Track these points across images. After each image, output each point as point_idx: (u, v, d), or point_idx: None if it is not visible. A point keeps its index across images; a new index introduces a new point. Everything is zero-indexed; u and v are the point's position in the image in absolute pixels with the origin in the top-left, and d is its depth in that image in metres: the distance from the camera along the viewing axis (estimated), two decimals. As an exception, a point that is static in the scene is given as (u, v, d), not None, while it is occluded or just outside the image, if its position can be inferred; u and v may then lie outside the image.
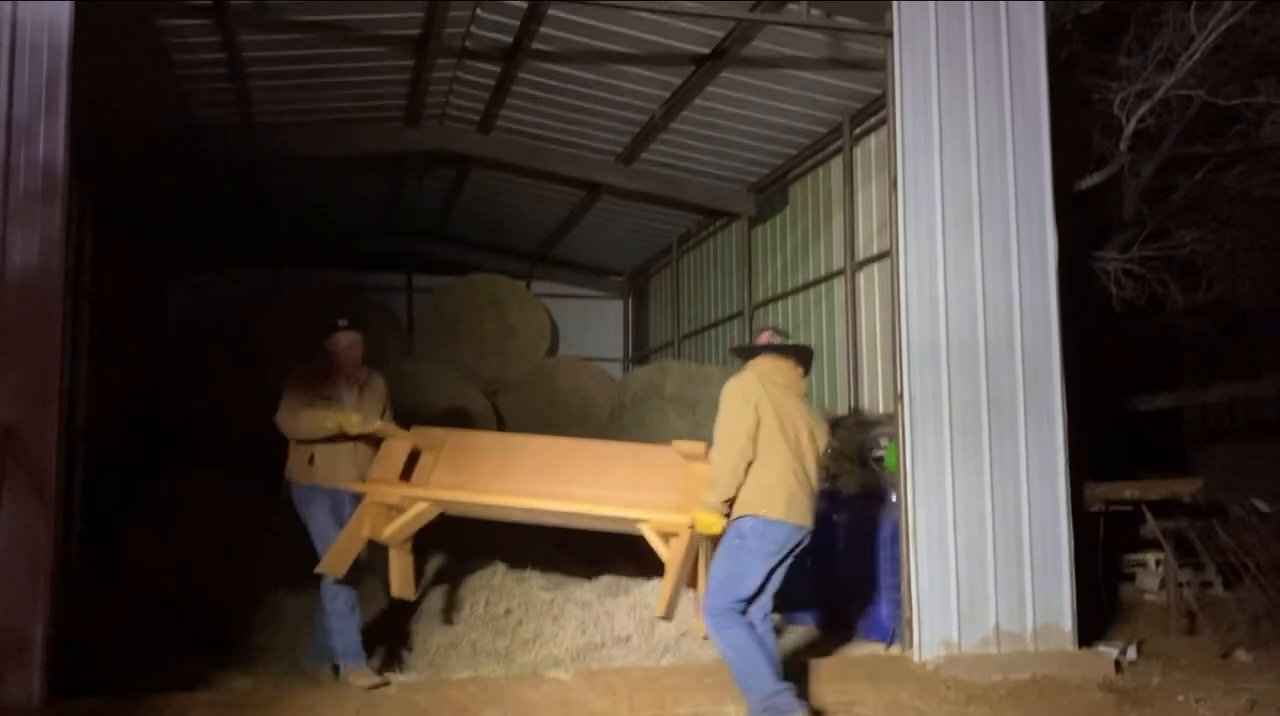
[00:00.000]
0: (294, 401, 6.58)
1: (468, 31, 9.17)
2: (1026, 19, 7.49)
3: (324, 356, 6.82)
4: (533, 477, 6.57)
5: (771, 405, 5.47)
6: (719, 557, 5.58)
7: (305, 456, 6.60)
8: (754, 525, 5.44)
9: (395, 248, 15.55)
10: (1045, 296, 7.27)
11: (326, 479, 6.59)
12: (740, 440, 5.40)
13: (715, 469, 5.51)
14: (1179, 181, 11.55)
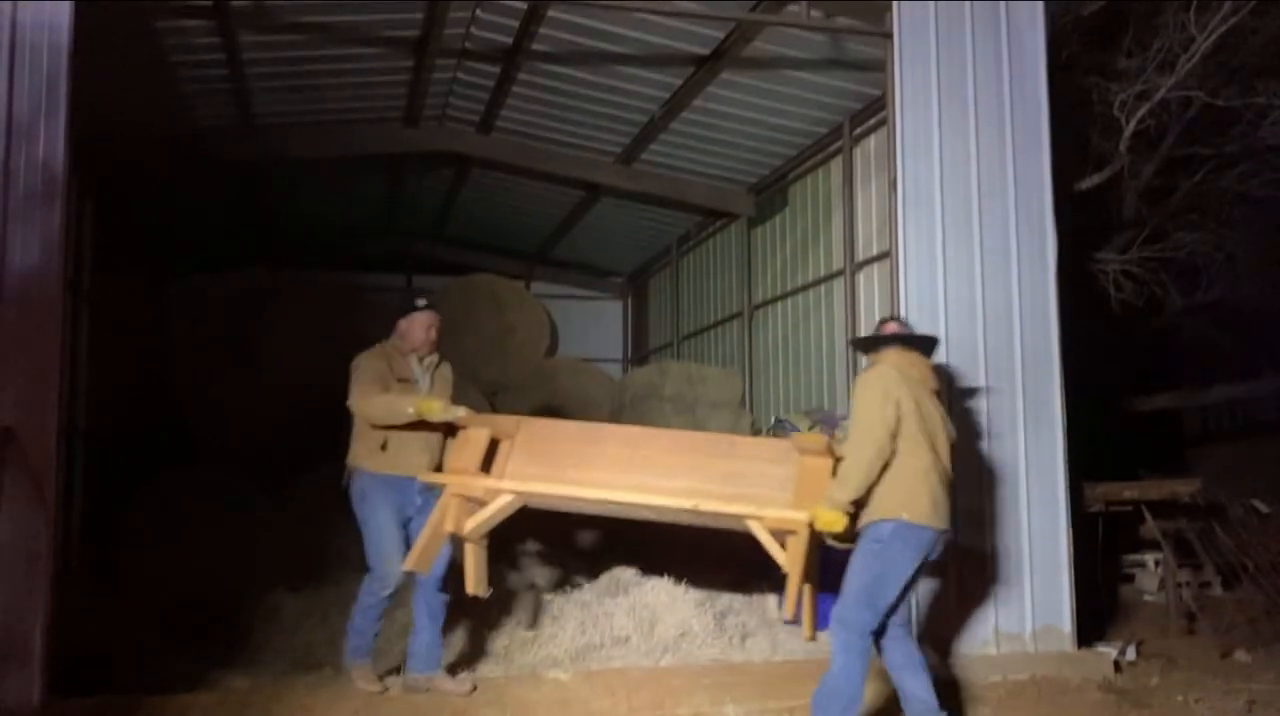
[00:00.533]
0: (368, 383, 6.12)
1: (467, 32, 9.18)
2: (1026, 20, 7.50)
3: (398, 337, 6.36)
4: (627, 469, 6.16)
5: (912, 400, 5.22)
6: (857, 565, 5.28)
7: (377, 442, 6.15)
8: (895, 529, 5.16)
9: (395, 248, 15.55)
10: (1045, 297, 7.28)
11: (398, 467, 6.13)
12: (881, 437, 5.11)
13: (850, 466, 5.21)
14: (1179, 182, 11.57)
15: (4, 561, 5.65)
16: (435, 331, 6.40)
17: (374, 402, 6.07)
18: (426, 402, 6.00)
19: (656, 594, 7.58)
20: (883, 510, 5.18)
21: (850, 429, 5.33)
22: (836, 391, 10.00)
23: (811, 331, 10.63)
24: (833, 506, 5.21)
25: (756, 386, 11.83)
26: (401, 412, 6.02)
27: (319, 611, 7.66)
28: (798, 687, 6.25)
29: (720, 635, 7.34)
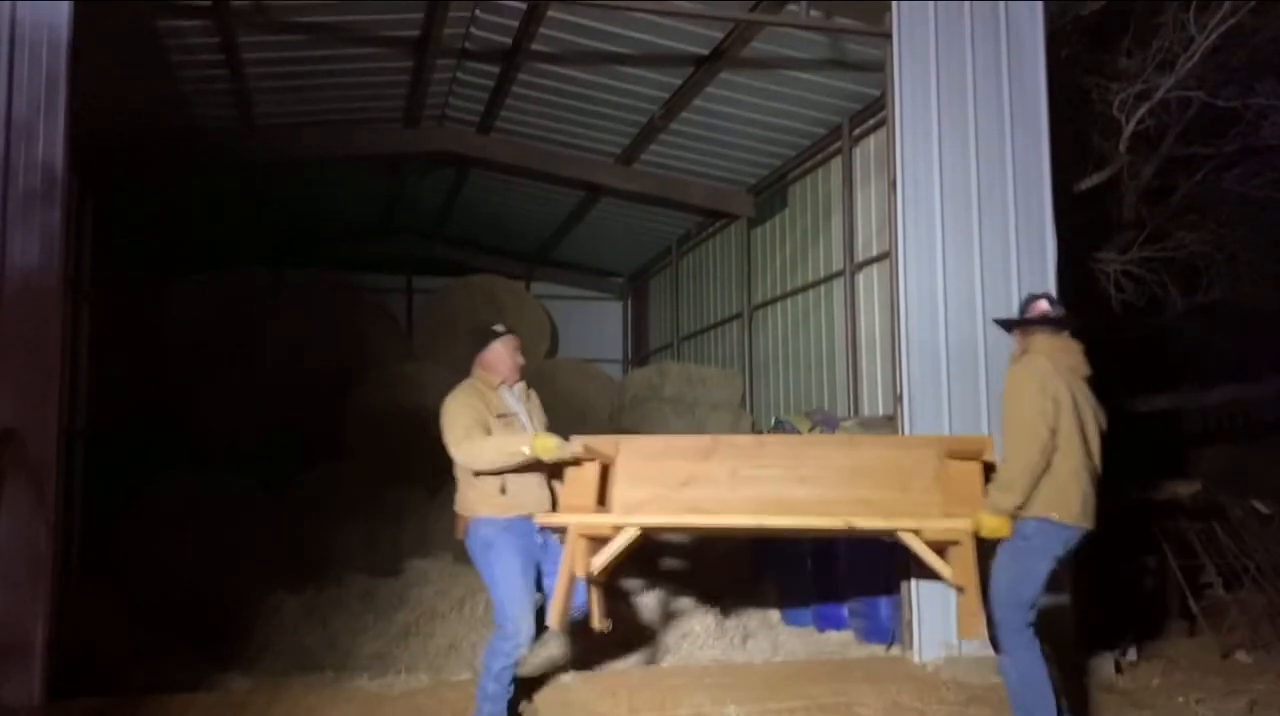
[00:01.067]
0: (468, 427, 5.49)
1: (467, 32, 9.17)
2: (1026, 20, 7.49)
3: (483, 370, 5.81)
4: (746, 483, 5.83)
5: (1068, 393, 5.02)
6: (1001, 562, 5.11)
7: (494, 486, 5.53)
8: (1039, 527, 5.02)
9: (395, 248, 15.56)
10: (1045, 297, 7.26)
11: (522, 508, 5.59)
12: (1044, 436, 4.93)
13: (1013, 468, 5.02)
14: (1179, 182, 11.56)
15: (4, 561, 5.66)
16: (520, 355, 5.96)
17: (482, 448, 5.46)
18: (542, 441, 5.46)
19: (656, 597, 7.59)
20: (1031, 508, 5.03)
21: (1007, 428, 5.13)
22: (836, 392, 10.00)
23: (811, 332, 10.63)
24: (997, 511, 5.06)
25: (756, 387, 11.83)
26: (515, 455, 5.46)
27: (319, 612, 7.66)
28: (799, 688, 6.26)
29: (721, 636, 7.35)
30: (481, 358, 5.82)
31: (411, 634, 7.25)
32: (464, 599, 7.50)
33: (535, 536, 5.63)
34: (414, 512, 11.35)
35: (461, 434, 5.46)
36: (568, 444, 5.51)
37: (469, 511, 5.62)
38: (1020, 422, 5.01)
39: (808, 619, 8.03)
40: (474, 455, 5.45)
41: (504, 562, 5.49)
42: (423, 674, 6.60)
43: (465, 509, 5.64)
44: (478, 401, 5.61)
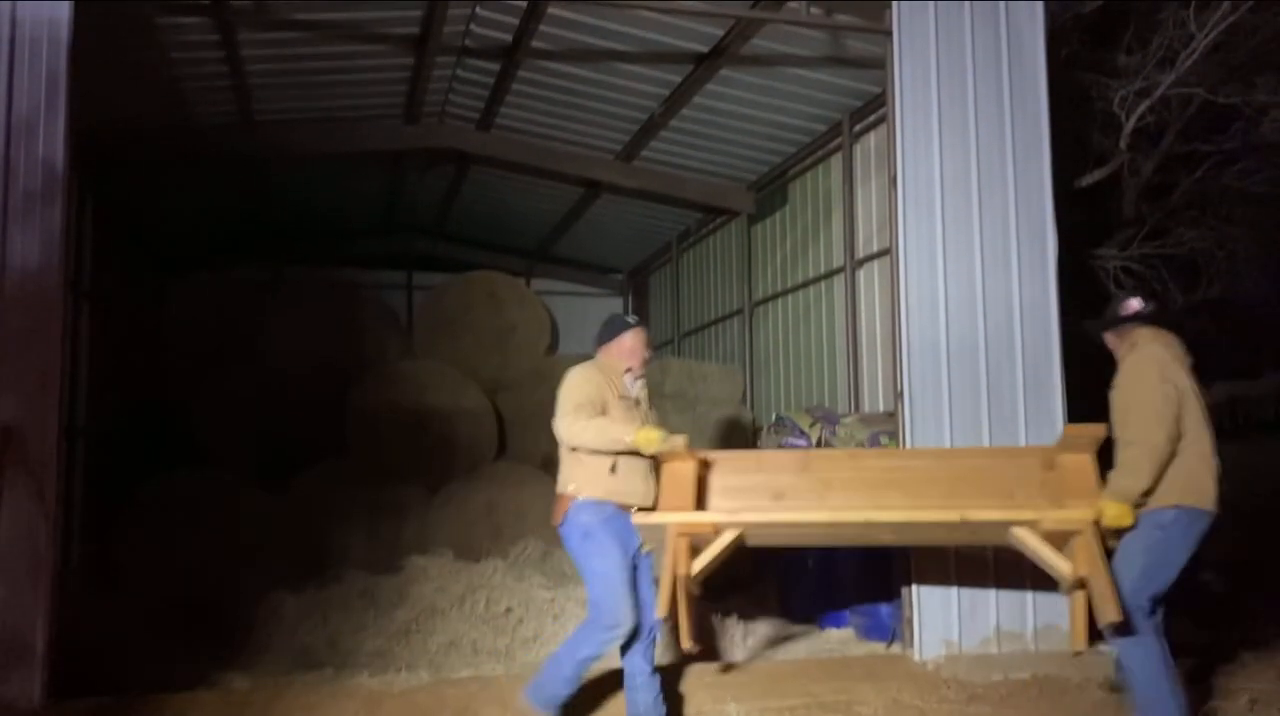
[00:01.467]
0: (580, 403, 5.43)
1: (467, 29, 9.17)
2: (1026, 17, 7.49)
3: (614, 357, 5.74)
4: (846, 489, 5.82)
5: (1187, 379, 5.02)
6: (1131, 553, 5.06)
7: (604, 465, 5.43)
8: (1178, 516, 4.97)
9: (395, 245, 15.55)
10: (1045, 294, 7.27)
11: (628, 495, 5.51)
12: (1169, 420, 4.90)
13: (1137, 454, 4.98)
14: (1179, 179, 11.57)
15: (4, 561, 5.67)
16: (647, 348, 5.85)
17: (585, 426, 5.37)
18: (645, 433, 5.34)
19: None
20: (1166, 496, 4.98)
21: (1130, 415, 5.08)
22: (837, 388, 10.00)
23: (812, 328, 10.63)
24: (1123, 498, 5.00)
25: (757, 383, 11.83)
26: (618, 440, 5.37)
27: (319, 610, 7.66)
28: (799, 686, 6.27)
29: (722, 634, 7.35)
30: (612, 345, 5.76)
31: (412, 631, 7.25)
32: (464, 596, 7.50)
33: (634, 535, 5.54)
34: (414, 510, 11.36)
35: (570, 408, 5.41)
36: (671, 439, 5.45)
37: (571, 491, 5.50)
38: (1144, 409, 4.98)
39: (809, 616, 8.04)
40: (575, 430, 5.38)
41: (604, 553, 5.39)
42: (423, 671, 6.60)
43: (569, 489, 5.52)
44: (600, 380, 5.56)
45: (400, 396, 12.16)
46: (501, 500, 11.71)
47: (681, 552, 5.32)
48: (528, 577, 7.89)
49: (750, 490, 5.88)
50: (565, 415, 5.41)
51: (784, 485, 5.88)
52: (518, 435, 13.43)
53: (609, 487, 5.44)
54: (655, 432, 5.35)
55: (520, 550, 9.67)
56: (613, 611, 5.32)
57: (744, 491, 5.88)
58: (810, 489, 5.85)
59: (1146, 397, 4.99)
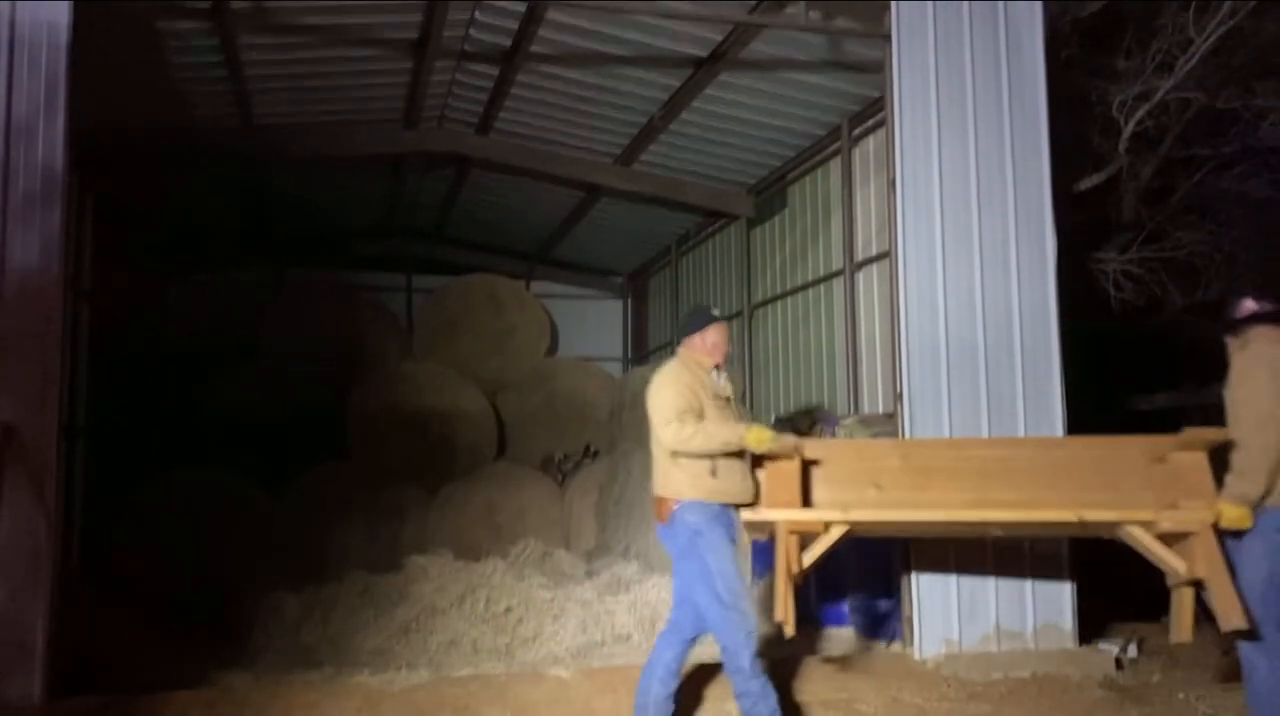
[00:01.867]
0: (681, 409, 5.36)
1: (466, 34, 9.18)
2: (1025, 21, 7.51)
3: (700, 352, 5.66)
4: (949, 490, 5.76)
5: None
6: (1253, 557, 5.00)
7: (705, 469, 5.39)
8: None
9: (395, 248, 15.56)
10: (1044, 297, 7.28)
11: (730, 495, 5.46)
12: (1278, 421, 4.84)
13: (1247, 457, 4.95)
14: (1178, 183, 11.57)
15: (4, 561, 5.67)
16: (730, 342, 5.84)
17: (694, 432, 5.31)
18: (756, 433, 5.34)
19: (657, 591, 7.61)
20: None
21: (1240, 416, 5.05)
22: (836, 390, 10.01)
23: (811, 331, 10.64)
24: (1241, 502, 4.96)
25: (757, 386, 11.84)
26: (729, 444, 5.36)
27: (319, 609, 7.67)
28: (799, 685, 6.28)
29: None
30: (695, 339, 5.68)
31: (411, 630, 7.27)
32: (464, 595, 7.52)
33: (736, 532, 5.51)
34: (414, 510, 11.39)
35: (673, 414, 5.34)
36: (781, 437, 5.47)
37: (676, 494, 5.43)
38: (1256, 409, 4.95)
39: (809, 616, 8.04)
40: (683, 437, 5.31)
41: (717, 551, 5.33)
42: (423, 670, 6.61)
43: (671, 491, 5.45)
44: (693, 382, 5.51)
45: (400, 398, 12.19)
46: (501, 500, 11.76)
47: (793, 549, 5.38)
48: (527, 577, 7.91)
49: (851, 480, 5.86)
50: (669, 423, 5.34)
51: (884, 474, 5.86)
52: (517, 436, 13.48)
53: (711, 488, 5.40)
54: (766, 432, 5.37)
55: (520, 550, 9.70)
56: (739, 603, 5.29)
57: (845, 481, 5.85)
58: (910, 478, 5.84)
59: (1257, 398, 4.97)
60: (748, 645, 5.25)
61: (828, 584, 7.88)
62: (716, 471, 5.38)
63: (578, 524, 11.87)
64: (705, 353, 5.63)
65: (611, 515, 10.82)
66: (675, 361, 5.66)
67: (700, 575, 5.33)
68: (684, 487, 5.40)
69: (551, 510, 12.07)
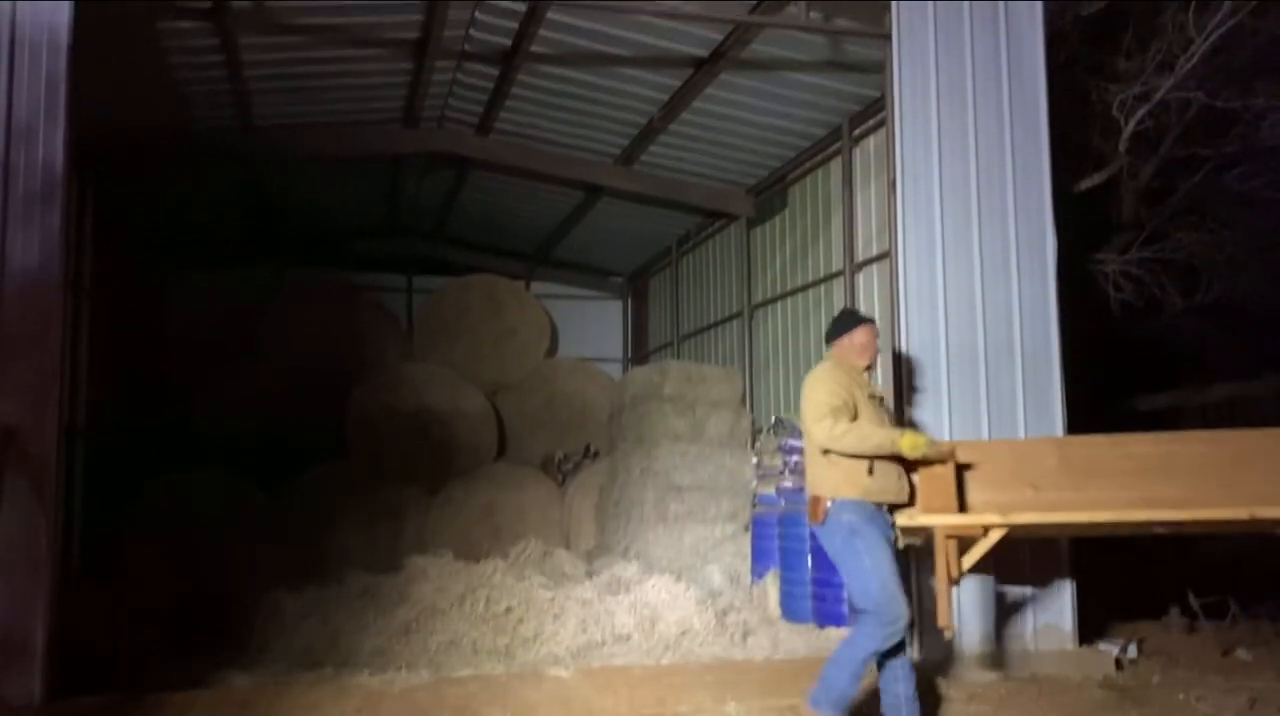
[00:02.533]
0: (835, 408, 5.40)
1: (467, 34, 9.18)
2: (1025, 21, 7.51)
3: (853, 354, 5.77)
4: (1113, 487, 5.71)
5: None
6: None
7: (862, 468, 5.42)
8: None
9: (395, 249, 15.55)
10: (1044, 298, 7.29)
11: (885, 494, 5.51)
12: None
13: None
14: (1178, 183, 11.58)
15: (4, 561, 5.66)
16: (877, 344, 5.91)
17: (847, 431, 5.36)
18: (911, 438, 5.38)
19: (657, 591, 7.61)
20: None
21: None
22: (836, 391, 9.98)
23: (811, 331, 10.64)
24: None
25: (756, 386, 11.84)
26: (882, 446, 5.39)
27: (320, 611, 7.65)
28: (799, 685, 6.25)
29: (721, 633, 7.36)
30: (846, 341, 5.79)
31: (412, 630, 7.25)
32: (464, 595, 7.50)
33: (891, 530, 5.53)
34: (413, 510, 11.38)
35: (826, 412, 5.38)
36: (936, 442, 5.50)
37: (831, 492, 5.45)
38: None
39: (808, 615, 8.04)
40: (835, 436, 5.35)
41: (873, 550, 5.34)
42: (423, 670, 6.59)
43: (827, 490, 5.47)
44: (847, 381, 5.56)
45: (400, 398, 12.20)
46: (501, 501, 11.76)
47: (952, 553, 5.42)
48: (527, 577, 7.89)
49: (1007, 481, 5.83)
50: (822, 419, 5.38)
51: (1041, 475, 5.84)
52: (517, 437, 13.49)
53: (866, 487, 5.42)
54: (921, 437, 5.40)
55: (520, 550, 9.69)
56: (890, 606, 5.26)
57: (1001, 483, 5.83)
58: (1069, 478, 5.80)
59: None
60: (883, 642, 5.27)
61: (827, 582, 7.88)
62: (873, 470, 5.41)
63: (578, 524, 11.87)
64: (855, 354, 5.74)
65: (611, 515, 10.82)
66: (828, 362, 5.78)
67: (857, 572, 5.36)
68: (840, 486, 5.43)
69: (551, 510, 12.08)
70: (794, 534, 8.29)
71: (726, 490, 9.94)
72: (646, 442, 10.46)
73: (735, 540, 9.48)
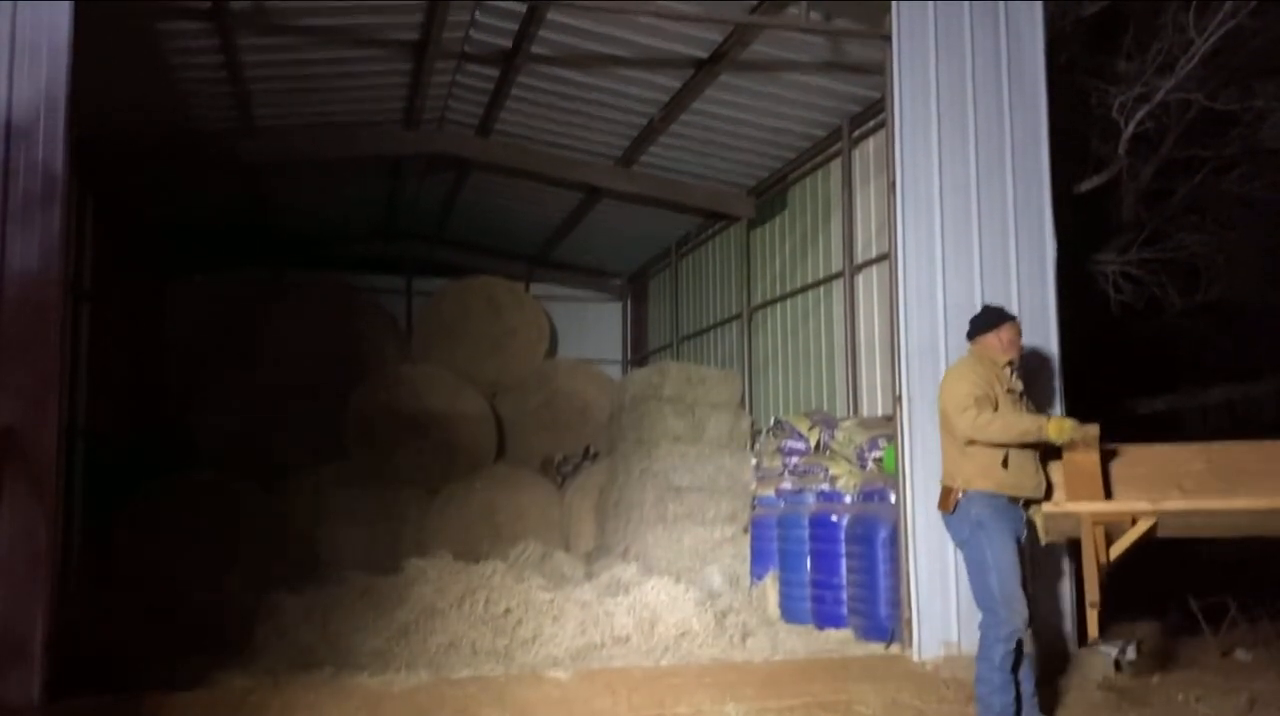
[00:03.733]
0: (978, 398, 5.52)
1: (467, 35, 9.18)
2: (1025, 22, 7.51)
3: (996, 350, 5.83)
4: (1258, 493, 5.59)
5: None
6: None
7: (995, 458, 5.50)
8: None
9: (395, 250, 15.54)
10: (1044, 299, 7.28)
11: (1020, 488, 5.57)
12: None
13: None
14: (1178, 184, 11.57)
15: (4, 561, 5.66)
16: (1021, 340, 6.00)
17: (990, 420, 5.47)
18: (1058, 423, 5.48)
19: (657, 593, 7.61)
20: None
21: None
22: (835, 393, 10.01)
23: (811, 333, 10.64)
24: None
25: (756, 387, 11.84)
26: (1027, 433, 5.49)
27: (319, 611, 7.66)
28: (798, 687, 6.28)
29: (721, 634, 7.36)
30: (989, 337, 5.88)
31: (411, 632, 7.25)
32: (463, 597, 7.51)
33: (1022, 526, 5.61)
34: (413, 511, 11.39)
35: (969, 402, 5.49)
36: (1085, 427, 5.53)
37: (962, 484, 5.56)
38: None
39: (807, 617, 8.04)
40: (980, 424, 5.46)
41: (997, 545, 5.44)
42: (422, 671, 6.59)
43: (960, 481, 5.57)
44: (988, 375, 5.69)
45: (400, 400, 12.21)
46: (500, 502, 11.77)
47: (1100, 541, 5.40)
48: (527, 579, 7.90)
49: (1152, 483, 5.80)
50: (965, 411, 5.48)
51: (1187, 477, 5.81)
52: (517, 438, 13.49)
53: (1001, 480, 5.50)
54: (1067, 422, 5.48)
55: (519, 551, 9.71)
56: (1007, 604, 5.39)
57: (1146, 484, 5.80)
58: (1215, 482, 5.76)
59: None
60: (1006, 641, 5.37)
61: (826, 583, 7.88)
62: (1008, 462, 5.49)
63: (577, 525, 11.87)
64: (1000, 350, 5.83)
65: (611, 516, 10.81)
66: (969, 357, 5.90)
67: (978, 565, 5.49)
68: (973, 478, 5.53)
69: (551, 512, 12.08)
70: (793, 535, 8.30)
71: (726, 491, 9.95)
72: (646, 444, 10.46)
73: (735, 541, 9.48)
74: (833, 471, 8.35)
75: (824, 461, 8.60)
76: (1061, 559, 7.06)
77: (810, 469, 8.65)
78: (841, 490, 8.18)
